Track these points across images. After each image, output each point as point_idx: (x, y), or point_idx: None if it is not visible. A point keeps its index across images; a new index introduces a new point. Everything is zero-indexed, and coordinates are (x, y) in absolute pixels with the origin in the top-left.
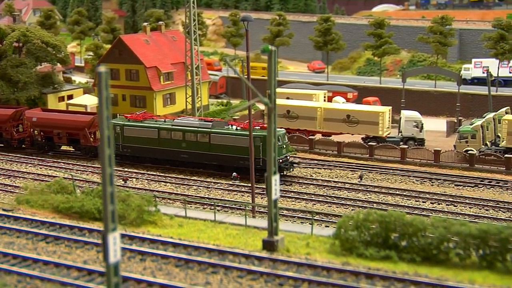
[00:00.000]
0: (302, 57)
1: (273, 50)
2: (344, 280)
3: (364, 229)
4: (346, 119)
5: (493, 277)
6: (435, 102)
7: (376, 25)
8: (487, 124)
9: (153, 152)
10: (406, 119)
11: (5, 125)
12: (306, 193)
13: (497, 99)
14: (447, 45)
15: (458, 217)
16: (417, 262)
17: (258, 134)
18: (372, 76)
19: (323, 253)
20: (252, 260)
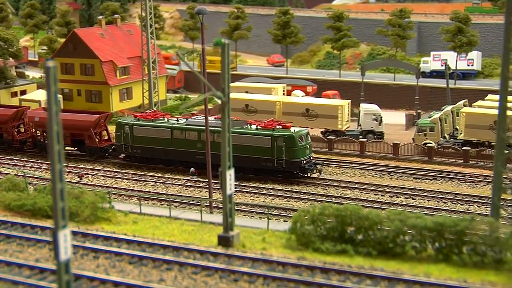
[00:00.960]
0: (261, 51)
1: (226, 43)
2: (299, 275)
3: (320, 223)
4: (305, 112)
5: (449, 270)
6: (394, 95)
7: (335, 18)
8: (445, 117)
9: (166, 153)
10: (365, 112)
11: (6, 125)
12: (265, 188)
13: (455, 92)
14: (405, 38)
15: (417, 210)
16: (374, 256)
17: (280, 134)
18: (331, 69)
19: (279, 248)
20: (207, 256)
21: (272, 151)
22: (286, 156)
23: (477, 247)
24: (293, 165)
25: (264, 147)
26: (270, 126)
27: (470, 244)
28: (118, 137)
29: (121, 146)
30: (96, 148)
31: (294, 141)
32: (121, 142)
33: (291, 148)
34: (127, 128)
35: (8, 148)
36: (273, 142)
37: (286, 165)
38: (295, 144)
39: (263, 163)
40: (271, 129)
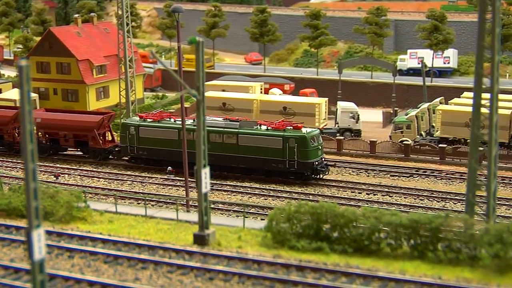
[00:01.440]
0: (239, 49)
1: (200, 41)
2: (275, 273)
3: (295, 221)
4: (283, 111)
5: (424, 267)
6: (371, 93)
7: (312, 16)
8: (421, 114)
9: (173, 154)
10: (343, 110)
11: (7, 127)
12: (242, 186)
13: (432, 90)
14: (382, 36)
15: (394, 207)
16: (349, 253)
17: (292, 135)
18: (309, 67)
19: (254, 246)
20: (182, 254)
21: (283, 152)
22: (298, 157)
23: (452, 244)
24: (305, 166)
25: (275, 148)
26: (281, 126)
27: (445, 241)
28: (123, 138)
29: (126, 148)
30: (100, 150)
31: (307, 142)
32: (126, 143)
33: (303, 149)
34: (133, 129)
35: (9, 151)
36: (285, 143)
37: (298, 167)
38: (308, 145)
39: (274, 165)
40: (282, 130)
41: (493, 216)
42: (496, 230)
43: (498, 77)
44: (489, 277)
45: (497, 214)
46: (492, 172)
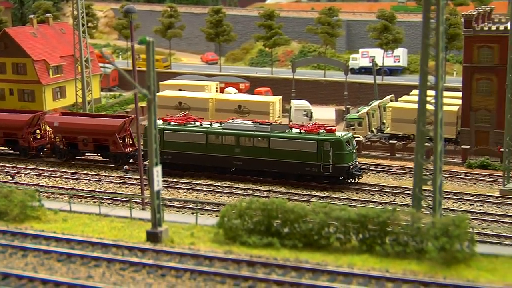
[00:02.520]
0: (195, 49)
1: (150, 41)
2: (226, 269)
3: (247, 217)
4: (238, 109)
5: (372, 260)
6: (324, 91)
7: (266, 16)
8: (372, 111)
9: (200, 159)
10: (296, 108)
11: (22, 131)
12: (198, 184)
13: (383, 88)
14: (335, 35)
15: (346, 202)
16: (299, 248)
17: (327, 138)
18: (264, 66)
19: (207, 243)
20: (135, 252)
21: (317, 156)
22: (333, 161)
23: (399, 237)
24: (341, 170)
25: (309, 152)
26: (315, 130)
27: (393, 235)
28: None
29: None
30: (121, 154)
31: (342, 146)
32: None
33: (338, 152)
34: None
35: (24, 156)
36: (319, 146)
37: (333, 171)
38: (343, 148)
39: (307, 169)
40: (316, 133)
41: (439, 210)
42: (442, 223)
43: (443, 74)
44: (436, 270)
45: (445, 208)
46: (437, 167)
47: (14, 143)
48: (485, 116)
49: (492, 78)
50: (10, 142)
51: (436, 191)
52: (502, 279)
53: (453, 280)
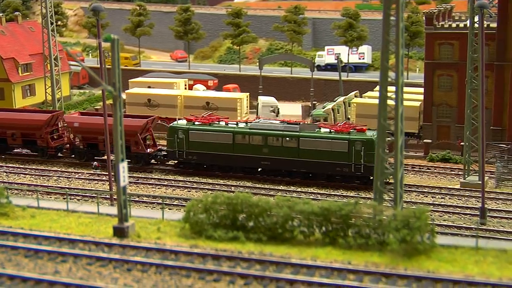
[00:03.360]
0: (165, 47)
1: (115, 39)
2: (191, 263)
3: (212, 212)
4: (206, 106)
5: (335, 253)
6: (291, 87)
7: (234, 14)
8: (338, 107)
9: (226, 159)
10: (263, 104)
11: (40, 131)
12: (166, 179)
13: (348, 84)
14: (301, 33)
15: (311, 196)
16: (264, 242)
17: (358, 138)
18: (232, 64)
19: (173, 237)
20: (102, 247)
21: (349, 156)
22: (365, 161)
23: (361, 230)
24: (372, 170)
25: (339, 151)
26: (345, 129)
27: (355, 227)
28: (171, 143)
29: (175, 152)
30: (143, 155)
31: (374, 145)
32: (174, 148)
33: (370, 152)
34: (182, 133)
35: (42, 156)
36: (351, 146)
37: (364, 171)
38: (375, 148)
39: (338, 169)
40: (347, 133)
41: (400, 203)
42: (403, 216)
43: (403, 70)
44: (397, 261)
45: (408, 200)
46: (398, 161)
47: (32, 144)
48: (446, 111)
49: (452, 74)
50: (28, 143)
51: (397, 184)
52: (462, 270)
53: (414, 271)
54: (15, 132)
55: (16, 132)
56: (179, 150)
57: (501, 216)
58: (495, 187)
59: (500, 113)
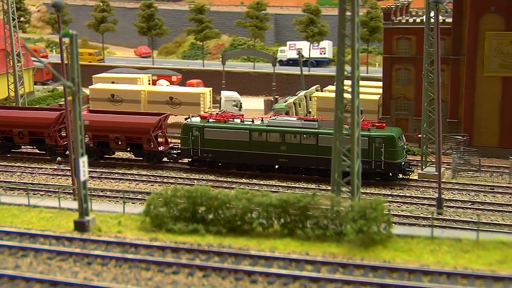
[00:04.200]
0: (129, 43)
1: (73, 34)
2: (151, 256)
3: (172, 205)
4: (169, 101)
5: (294, 244)
6: (254, 82)
7: (197, 10)
8: (299, 101)
9: (243, 156)
10: (226, 99)
11: (48, 130)
12: (130, 174)
13: (309, 78)
14: (263, 29)
15: (273, 188)
16: (224, 234)
17: (379, 135)
18: (196, 59)
19: (133, 231)
20: (62, 241)
21: (369, 153)
22: (386, 157)
23: (319, 221)
24: (393, 167)
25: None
26: (365, 126)
27: (313, 219)
28: (185, 141)
29: (189, 150)
30: (156, 152)
31: (395, 142)
32: (188, 146)
33: (391, 149)
34: (196, 130)
35: (50, 155)
36: (371, 143)
37: (385, 167)
38: (396, 144)
39: None
40: (366, 129)
41: (358, 194)
42: (359, 207)
43: (359, 63)
44: (354, 251)
45: (368, 192)
46: (355, 153)
47: (40, 142)
48: (404, 104)
49: (410, 68)
50: (36, 141)
51: (354, 175)
52: (417, 259)
53: (370, 261)
54: (22, 131)
55: (24, 130)
56: (193, 148)
57: (457, 206)
58: (451, 177)
59: (456, 105)
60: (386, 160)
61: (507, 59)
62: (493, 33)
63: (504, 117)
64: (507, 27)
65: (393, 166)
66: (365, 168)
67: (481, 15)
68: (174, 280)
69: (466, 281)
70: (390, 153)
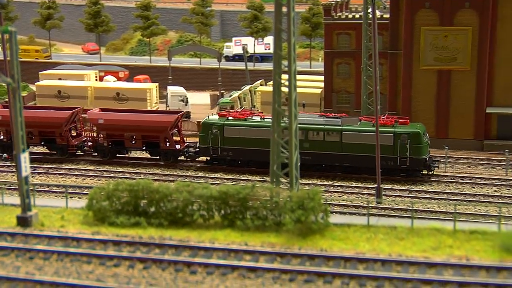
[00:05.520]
0: (76, 40)
1: (12, 31)
2: (93, 249)
3: (115, 199)
4: (116, 96)
5: (234, 235)
6: (200, 77)
7: (143, 7)
8: (244, 95)
9: (264, 154)
10: (172, 94)
11: (60, 129)
12: (77, 169)
13: (254, 73)
14: (208, 25)
15: (218, 181)
16: (165, 226)
17: (404, 131)
18: (144, 55)
19: (76, 225)
20: (4, 237)
21: (394, 149)
22: (411, 153)
23: (259, 211)
24: (418, 163)
25: (384, 145)
26: (389, 122)
27: (253, 210)
28: (204, 139)
29: (208, 149)
30: (174, 151)
31: (420, 138)
32: (207, 144)
33: (416, 145)
34: (216, 128)
35: (61, 155)
36: (396, 139)
37: (410, 163)
38: (421, 141)
39: (383, 162)
40: (391, 126)
41: (296, 185)
42: (298, 197)
43: (295, 57)
44: (293, 241)
45: (311, 183)
46: (293, 144)
47: (51, 142)
48: (345, 97)
49: (350, 62)
50: (46, 141)
51: (292, 167)
52: (354, 247)
53: (308, 250)
54: (32, 131)
55: (33, 130)
56: (213, 147)
57: (396, 195)
58: None
59: (394, 98)
60: (411, 156)
61: (442, 53)
62: (428, 28)
63: (439, 108)
64: (441, 22)
65: (418, 162)
66: (390, 164)
67: (417, 11)
68: (115, 272)
69: (400, 268)
70: (416, 149)
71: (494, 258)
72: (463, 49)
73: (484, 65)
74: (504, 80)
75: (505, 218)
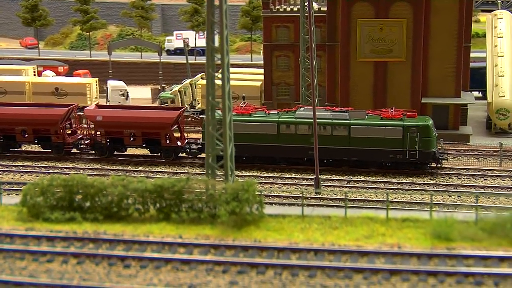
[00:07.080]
0: (14, 34)
1: None
2: (26, 245)
3: (49, 194)
4: (55, 91)
5: (169, 228)
6: (141, 72)
7: (82, 1)
8: (185, 89)
9: (271, 150)
10: (112, 88)
11: (55, 127)
12: (29, 166)
13: (196, 67)
14: (149, 19)
15: (158, 175)
16: (101, 221)
17: (414, 124)
18: (84, 50)
19: (10, 221)
20: None
21: (403, 143)
22: (420, 147)
23: (194, 204)
24: (427, 156)
25: (393, 138)
26: (397, 115)
27: (188, 202)
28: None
29: None
30: (175, 148)
31: (429, 131)
32: None
33: (425, 138)
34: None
35: (57, 154)
36: (405, 132)
37: (419, 157)
38: (430, 133)
39: (391, 156)
40: (399, 119)
41: (232, 177)
42: (232, 189)
43: (228, 50)
44: (227, 233)
45: (250, 175)
46: (227, 136)
47: (46, 140)
48: (285, 89)
49: (289, 55)
50: (40, 139)
51: (227, 159)
52: (288, 238)
53: (242, 241)
54: (26, 128)
55: (27, 128)
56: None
57: (334, 185)
58: None
59: (333, 90)
60: (420, 150)
61: (378, 45)
62: (364, 21)
63: (377, 99)
64: (377, 15)
65: (428, 155)
66: (399, 158)
67: (353, 4)
68: (48, 268)
69: (333, 257)
70: (425, 142)
71: (425, 245)
72: (398, 41)
73: (418, 56)
74: (439, 70)
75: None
